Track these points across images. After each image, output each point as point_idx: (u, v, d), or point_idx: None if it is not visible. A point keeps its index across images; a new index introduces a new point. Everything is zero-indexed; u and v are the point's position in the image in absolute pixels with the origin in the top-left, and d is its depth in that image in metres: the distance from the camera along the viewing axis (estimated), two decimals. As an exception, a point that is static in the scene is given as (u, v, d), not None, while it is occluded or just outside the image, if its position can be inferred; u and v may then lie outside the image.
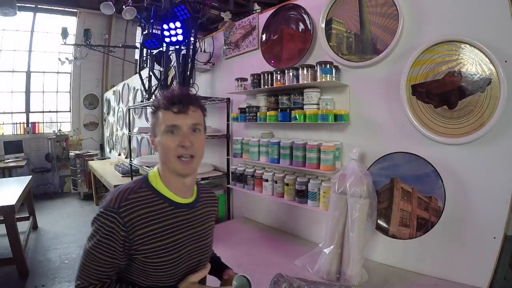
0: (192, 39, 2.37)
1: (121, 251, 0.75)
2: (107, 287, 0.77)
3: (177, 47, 2.37)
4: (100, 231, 0.74)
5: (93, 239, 0.75)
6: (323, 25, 1.63)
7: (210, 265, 0.93)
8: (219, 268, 1.02)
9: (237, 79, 2.06)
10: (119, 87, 5.32)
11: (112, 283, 0.78)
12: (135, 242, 0.75)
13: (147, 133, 2.88)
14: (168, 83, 2.74)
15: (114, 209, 0.74)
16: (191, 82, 2.52)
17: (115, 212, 0.74)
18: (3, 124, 6.09)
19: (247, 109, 1.96)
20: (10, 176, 5.03)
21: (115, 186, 3.22)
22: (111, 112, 5.93)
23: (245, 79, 2.05)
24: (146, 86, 3.11)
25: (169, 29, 2.19)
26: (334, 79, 1.54)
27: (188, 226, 0.86)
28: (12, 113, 6.18)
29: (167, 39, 2.22)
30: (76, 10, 6.31)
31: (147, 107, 3.72)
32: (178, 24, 2.17)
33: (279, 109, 1.78)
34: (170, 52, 2.62)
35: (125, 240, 0.74)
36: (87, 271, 0.75)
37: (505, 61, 1.09)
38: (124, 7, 3.74)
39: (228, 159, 2.28)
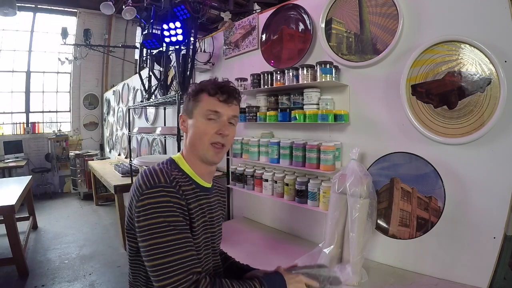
0: (192, 39, 2.37)
1: (187, 225, 0.75)
2: (207, 283, 0.68)
3: (177, 47, 2.37)
4: (164, 209, 0.69)
5: (159, 226, 0.67)
6: (323, 25, 1.63)
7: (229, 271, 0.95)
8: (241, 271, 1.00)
9: (237, 79, 2.05)
10: (119, 87, 5.32)
11: (209, 280, 0.69)
12: (190, 215, 0.77)
13: (147, 133, 2.88)
14: (168, 83, 2.75)
15: (167, 183, 0.73)
16: (191, 82, 2.52)
17: (171, 186, 0.73)
18: (3, 124, 6.08)
19: (247, 109, 1.96)
20: (10, 176, 5.03)
21: (115, 186, 3.18)
22: (111, 112, 5.93)
23: (245, 79, 2.05)
24: (146, 86, 3.11)
25: (169, 29, 2.19)
26: (334, 79, 1.54)
27: (208, 210, 0.86)
28: (12, 113, 6.17)
29: (167, 39, 2.23)
30: (76, 10, 6.31)
31: (147, 107, 3.72)
32: (178, 24, 2.18)
33: (279, 109, 1.78)
34: (170, 52, 2.62)
35: (185, 210, 0.75)
36: (176, 265, 0.65)
37: (505, 61, 1.09)
38: (124, 7, 3.75)
39: (227, 159, 2.28)
